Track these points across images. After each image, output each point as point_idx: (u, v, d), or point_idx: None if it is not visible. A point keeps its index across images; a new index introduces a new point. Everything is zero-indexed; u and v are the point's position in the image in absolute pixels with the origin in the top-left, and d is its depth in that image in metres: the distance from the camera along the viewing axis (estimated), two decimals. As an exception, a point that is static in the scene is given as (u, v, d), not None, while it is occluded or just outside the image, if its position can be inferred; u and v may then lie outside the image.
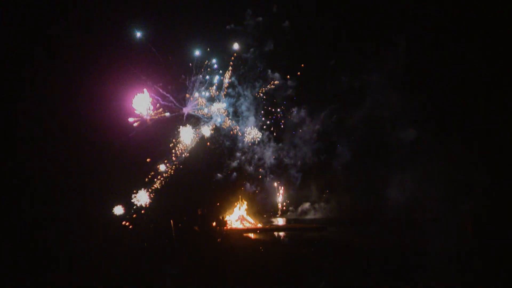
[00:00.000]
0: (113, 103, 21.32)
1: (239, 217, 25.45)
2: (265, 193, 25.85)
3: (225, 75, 24.17)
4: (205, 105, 23.79)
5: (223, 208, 24.82)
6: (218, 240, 22.48)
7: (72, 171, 20.38)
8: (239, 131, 24.64)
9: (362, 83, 23.53)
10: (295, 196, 26.28)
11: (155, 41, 22.14)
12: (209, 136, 23.84)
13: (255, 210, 26.05)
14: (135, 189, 21.98)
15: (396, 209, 20.33)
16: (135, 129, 21.92)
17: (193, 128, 23.35)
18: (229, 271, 17.15)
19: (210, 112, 23.89)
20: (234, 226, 25.06)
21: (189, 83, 23.25)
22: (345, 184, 24.01)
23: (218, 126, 24.18)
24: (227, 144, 24.76)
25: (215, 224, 23.37)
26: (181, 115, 23.36)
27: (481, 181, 18.33)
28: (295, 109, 25.57)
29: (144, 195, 22.06)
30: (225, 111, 24.18)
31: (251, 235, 24.41)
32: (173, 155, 22.99)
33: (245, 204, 25.68)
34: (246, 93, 24.61)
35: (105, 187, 21.08)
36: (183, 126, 23.10)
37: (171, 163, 22.92)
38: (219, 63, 24.02)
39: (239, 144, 24.87)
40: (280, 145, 25.70)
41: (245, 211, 25.71)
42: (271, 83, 25.09)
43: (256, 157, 25.22)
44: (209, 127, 23.80)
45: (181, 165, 23.09)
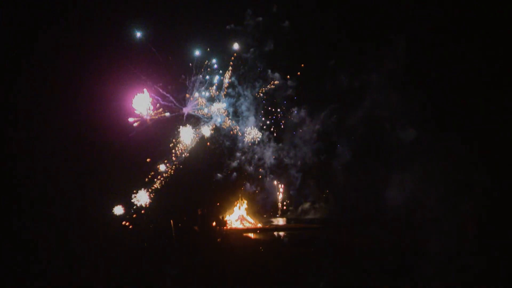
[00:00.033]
0: (113, 103, 21.30)
1: (239, 217, 25.46)
2: (265, 193, 25.82)
3: (225, 75, 24.16)
4: (205, 105, 23.79)
5: (223, 208, 24.82)
6: (218, 240, 22.50)
7: (72, 171, 20.35)
8: (239, 131, 24.63)
9: (362, 83, 23.50)
10: (295, 196, 26.26)
11: (155, 41, 22.16)
12: (209, 136, 23.84)
13: (255, 210, 26.05)
14: (135, 189, 21.97)
15: (396, 209, 20.29)
16: (135, 129, 21.92)
17: (193, 128, 23.34)
18: (229, 271, 17.15)
19: (210, 112, 23.88)
20: (234, 226, 25.07)
21: (189, 83, 23.25)
22: (345, 184, 23.98)
23: (218, 126, 24.18)
24: (227, 144, 24.74)
25: (215, 224, 23.37)
26: (181, 115, 23.35)
27: (481, 181, 18.30)
28: (295, 109, 25.58)
29: (144, 195, 22.05)
30: (225, 111, 24.18)
31: (251, 235, 24.43)
32: (173, 155, 22.98)
33: (245, 203, 25.69)
34: (246, 93, 24.61)
35: (105, 187, 21.07)
36: (183, 126, 23.09)
37: (171, 163, 22.92)
38: (219, 63, 24.02)
39: (239, 144, 24.86)
40: (280, 145, 25.68)
41: (245, 211, 25.72)
42: (271, 83, 25.09)
43: (256, 157, 25.20)
44: (209, 127, 23.79)
45: (181, 165, 23.08)
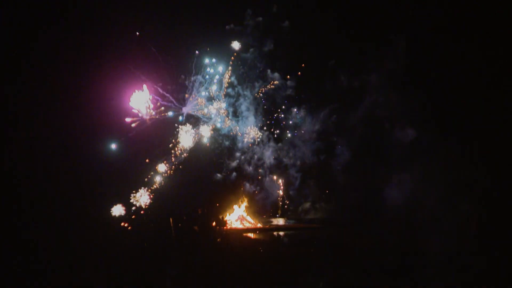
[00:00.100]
0: (113, 103, 21.28)
1: (239, 217, 25.45)
2: (264, 193, 25.81)
3: (225, 75, 24.15)
4: (205, 105, 23.77)
5: (223, 208, 24.81)
6: (218, 240, 22.48)
7: (71, 171, 20.34)
8: (238, 131, 24.63)
9: (362, 83, 23.50)
10: (295, 196, 26.26)
11: (154, 41, 22.13)
12: (208, 136, 23.82)
13: (254, 210, 26.05)
14: (135, 189, 21.93)
15: (396, 209, 20.29)
16: (135, 129, 21.88)
17: (193, 128, 23.31)
18: (229, 271, 17.15)
19: (209, 112, 23.86)
20: (234, 226, 25.07)
21: (189, 83, 23.23)
22: (345, 184, 23.98)
23: (217, 126, 24.16)
24: (227, 144, 24.73)
25: (215, 224, 23.36)
26: (181, 115, 23.32)
27: (481, 181, 18.31)
28: (295, 109, 25.57)
29: (143, 195, 22.02)
30: (225, 111, 24.18)
31: (251, 235, 24.43)
32: (173, 155, 22.96)
33: (245, 203, 25.68)
34: (246, 93, 24.60)
35: (104, 187, 21.04)
36: (182, 126, 23.06)
37: (171, 163, 22.89)
38: (219, 63, 24.00)
39: (239, 144, 24.85)
40: (279, 145, 25.68)
41: (244, 211, 25.70)
42: (271, 83, 25.08)
43: (255, 157, 25.20)
44: (208, 127, 23.77)
45: (180, 165, 23.05)
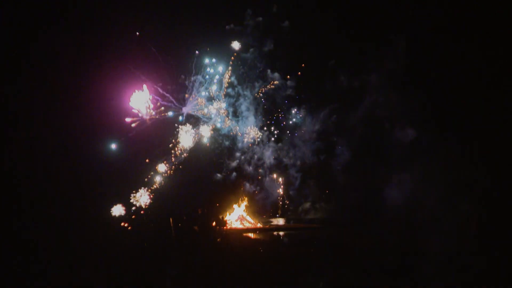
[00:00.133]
0: (112, 103, 21.30)
1: (238, 217, 25.45)
2: (264, 193, 25.81)
3: (225, 75, 24.15)
4: (205, 105, 23.77)
5: (223, 208, 24.81)
6: (218, 240, 22.49)
7: (71, 171, 20.34)
8: (238, 131, 24.63)
9: (362, 83, 23.50)
10: (295, 196, 26.26)
11: (155, 41, 22.13)
12: (208, 136, 23.81)
13: (254, 210, 26.04)
14: (135, 189, 21.93)
15: (396, 209, 20.28)
16: (135, 129, 21.88)
17: (193, 128, 23.31)
18: (229, 271, 17.15)
19: (209, 112, 23.86)
20: (234, 226, 25.07)
21: (189, 83, 23.23)
22: (345, 184, 23.97)
23: (217, 126, 24.16)
24: (227, 144, 24.73)
25: (215, 224, 23.37)
26: (181, 115, 23.32)
27: (481, 181, 18.30)
28: (295, 109, 25.57)
29: (143, 195, 22.01)
30: (225, 111, 24.17)
31: (251, 235, 24.43)
32: (173, 155, 22.95)
33: (244, 203, 25.67)
34: (246, 93, 24.60)
35: (104, 187, 21.04)
36: (182, 126, 23.06)
37: (171, 163, 22.89)
38: (219, 63, 24.00)
39: (239, 144, 24.85)
40: (279, 145, 25.68)
41: (244, 211, 25.70)
42: (271, 83, 25.08)
43: (255, 157, 25.19)
44: (208, 127, 23.77)
45: (180, 165, 23.05)
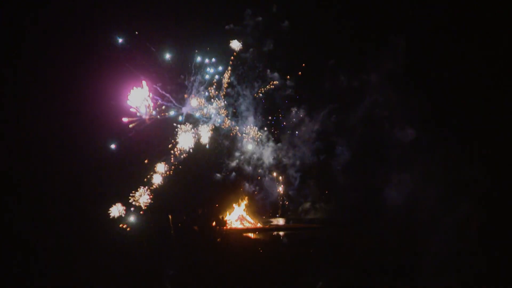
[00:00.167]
0: (112, 103, 21.28)
1: (238, 217, 25.43)
2: (264, 193, 25.79)
3: (225, 75, 24.13)
4: (204, 105, 23.75)
5: (223, 208, 24.80)
6: (218, 240, 22.49)
7: (71, 171, 20.32)
8: (238, 131, 24.61)
9: (361, 83, 23.49)
10: (294, 196, 26.24)
11: (154, 41, 22.11)
12: (208, 136, 23.78)
13: (254, 210, 26.02)
14: (134, 189, 21.90)
15: (395, 209, 20.29)
16: (135, 129, 21.85)
17: (192, 128, 23.28)
18: (229, 271, 17.17)
19: (209, 112, 23.84)
20: (233, 226, 25.05)
21: (189, 83, 23.20)
22: (345, 184, 23.97)
23: (217, 126, 24.14)
24: (226, 144, 24.71)
25: (215, 224, 23.37)
26: (180, 115, 23.30)
27: (481, 181, 18.31)
28: (295, 109, 25.56)
29: (143, 195, 21.98)
30: (225, 111, 24.16)
31: (251, 235, 24.43)
32: (172, 155, 22.93)
33: (244, 203, 25.64)
34: (245, 93, 24.58)
35: (104, 187, 21.03)
36: (182, 126, 23.03)
37: (170, 163, 22.86)
38: (219, 63, 23.98)
39: (239, 144, 24.83)
40: (279, 145, 25.66)
41: (244, 210, 25.68)
42: (271, 83, 25.06)
43: (255, 157, 25.17)
44: (208, 127, 23.74)
45: (180, 165, 23.02)
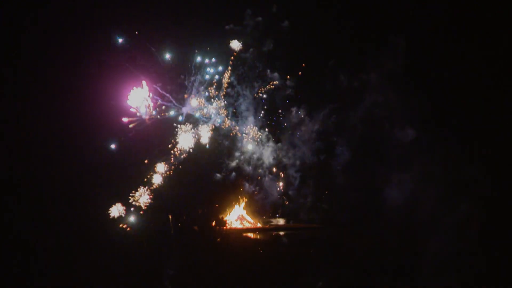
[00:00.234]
0: (112, 104, 21.30)
1: (238, 217, 25.42)
2: (264, 193, 25.78)
3: (225, 75, 24.13)
4: (204, 105, 23.75)
5: (223, 207, 24.79)
6: (218, 240, 22.49)
7: (70, 171, 20.33)
8: (238, 131, 24.61)
9: (361, 83, 23.50)
10: (294, 196, 26.22)
11: (154, 41, 22.12)
12: (208, 136, 23.78)
13: (254, 209, 26.01)
14: (134, 189, 21.90)
15: (395, 209, 20.29)
16: (135, 129, 21.86)
17: (192, 128, 23.28)
18: (229, 271, 17.18)
19: (209, 112, 23.84)
20: (233, 226, 25.04)
21: (188, 83, 23.21)
22: (345, 184, 23.98)
23: (217, 126, 24.14)
24: (226, 144, 24.71)
25: (215, 224, 23.37)
26: (180, 115, 23.30)
27: (481, 181, 18.31)
28: (295, 109, 25.55)
29: (143, 195, 21.98)
30: (225, 111, 24.15)
31: (251, 235, 24.43)
32: (172, 155, 22.93)
33: (245, 201, 25.63)
34: (245, 93, 24.57)
35: (104, 187, 21.03)
36: (182, 126, 23.04)
37: (170, 163, 22.86)
38: (219, 63, 23.98)
39: (239, 144, 24.83)
40: (279, 145, 25.66)
41: (244, 209, 25.67)
42: (271, 83, 25.06)
43: (255, 157, 25.17)
44: (208, 127, 23.74)
45: (180, 165, 23.02)
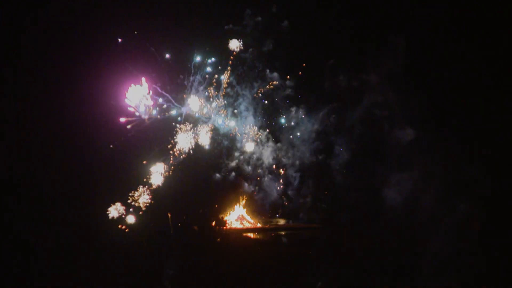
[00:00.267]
0: (112, 104, 21.28)
1: (238, 217, 25.42)
2: (264, 193, 25.79)
3: (224, 75, 24.12)
4: (204, 105, 23.73)
5: (223, 207, 24.79)
6: (217, 240, 22.49)
7: (71, 171, 20.30)
8: (238, 131, 24.61)
9: (361, 83, 23.50)
10: (294, 196, 26.23)
11: (154, 41, 22.10)
12: (208, 136, 23.77)
13: (254, 209, 26.01)
14: (134, 189, 21.88)
15: (395, 209, 20.30)
16: (134, 129, 21.84)
17: (192, 128, 23.26)
18: (229, 271, 17.16)
19: (209, 112, 23.83)
20: (233, 225, 25.04)
21: (188, 82, 23.19)
22: (345, 184, 24.00)
23: (216, 126, 24.13)
24: (226, 144, 24.70)
25: (215, 224, 23.37)
26: (180, 115, 23.28)
27: (481, 181, 18.31)
28: (294, 109, 25.56)
29: (142, 195, 21.96)
30: (225, 111, 24.15)
31: (251, 235, 24.43)
32: (172, 155, 22.91)
33: (245, 201, 25.62)
34: (245, 93, 24.57)
35: (103, 187, 21.01)
36: (181, 125, 23.02)
37: (170, 163, 22.84)
38: (218, 62, 23.97)
39: (238, 144, 24.83)
40: (278, 145, 25.67)
41: (244, 208, 25.66)
42: (270, 83, 25.06)
43: (255, 157, 25.17)
44: (208, 127, 23.73)
45: (179, 165, 23.00)
